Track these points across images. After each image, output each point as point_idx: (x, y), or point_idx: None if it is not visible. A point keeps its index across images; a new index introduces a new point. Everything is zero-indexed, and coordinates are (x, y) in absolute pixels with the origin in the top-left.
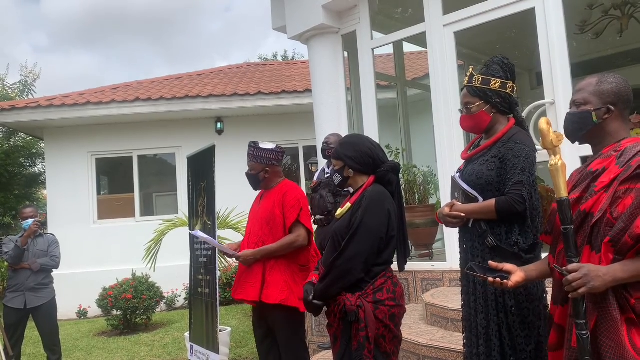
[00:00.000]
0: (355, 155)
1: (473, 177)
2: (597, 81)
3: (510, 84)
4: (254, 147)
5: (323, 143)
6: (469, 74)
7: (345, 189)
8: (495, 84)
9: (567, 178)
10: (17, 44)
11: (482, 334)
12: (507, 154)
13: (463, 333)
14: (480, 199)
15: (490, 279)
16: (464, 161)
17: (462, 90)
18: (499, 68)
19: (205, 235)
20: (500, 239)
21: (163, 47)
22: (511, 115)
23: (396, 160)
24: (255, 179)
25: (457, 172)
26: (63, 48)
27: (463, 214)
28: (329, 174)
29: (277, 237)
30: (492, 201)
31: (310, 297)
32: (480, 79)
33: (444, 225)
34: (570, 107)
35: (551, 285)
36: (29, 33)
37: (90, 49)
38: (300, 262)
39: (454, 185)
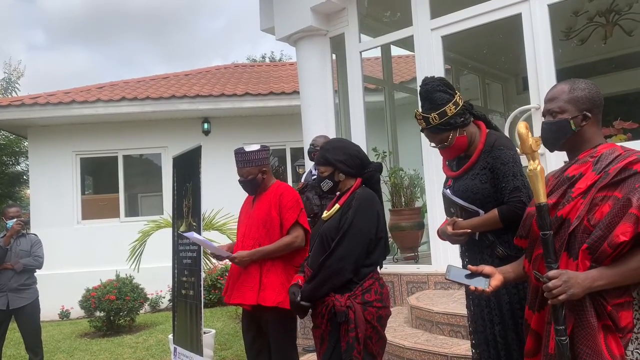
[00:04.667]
0: (346, 158)
1: (469, 193)
2: (570, 88)
3: (457, 97)
4: (242, 153)
5: (310, 145)
6: (420, 117)
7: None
8: (450, 109)
9: None
10: (13, 41)
11: (502, 344)
12: (496, 163)
13: (472, 345)
14: (481, 212)
15: (472, 287)
16: (450, 177)
17: (423, 132)
18: (442, 93)
19: (198, 237)
20: (510, 246)
21: (161, 45)
22: (479, 122)
23: (383, 162)
24: (253, 184)
25: (446, 189)
26: (60, 45)
27: (469, 230)
28: (315, 176)
29: (274, 239)
30: (495, 211)
31: (298, 299)
32: (436, 116)
33: (430, 229)
34: (545, 117)
35: None
36: (26, 30)
37: (87, 47)
38: (296, 264)
39: (448, 201)
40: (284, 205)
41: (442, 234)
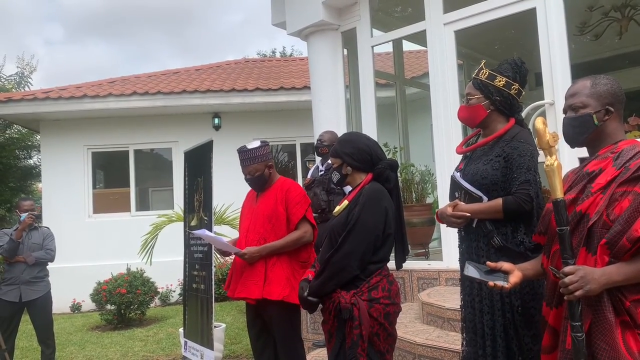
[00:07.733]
0: (354, 152)
1: (477, 177)
2: (592, 83)
3: (515, 86)
4: (246, 151)
5: (317, 140)
6: (479, 67)
7: (340, 187)
8: (500, 81)
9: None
10: (32, 35)
11: (488, 334)
12: (512, 153)
13: (462, 334)
14: (485, 198)
15: (491, 283)
16: (462, 160)
17: (470, 82)
18: (510, 68)
19: (209, 234)
20: (507, 238)
21: (178, 40)
22: (511, 118)
23: (394, 158)
24: (261, 180)
25: (456, 172)
26: (77, 40)
27: (468, 214)
28: (322, 172)
29: (280, 234)
30: (499, 200)
31: (306, 294)
32: (487, 73)
33: (441, 225)
34: (566, 112)
35: None
36: (44, 24)
37: (105, 41)
38: (302, 259)
39: (454, 184)
40: (291, 200)
41: (442, 216)
